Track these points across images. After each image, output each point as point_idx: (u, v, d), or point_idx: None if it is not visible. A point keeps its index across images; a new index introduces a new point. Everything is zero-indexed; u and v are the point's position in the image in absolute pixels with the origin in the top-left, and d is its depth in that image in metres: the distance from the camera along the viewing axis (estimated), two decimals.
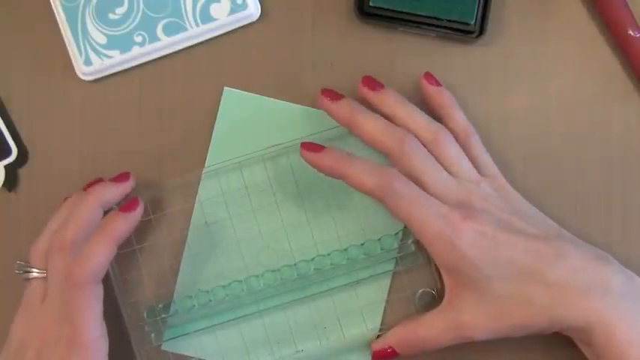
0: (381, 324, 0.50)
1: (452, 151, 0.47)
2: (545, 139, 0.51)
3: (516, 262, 0.44)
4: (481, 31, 0.50)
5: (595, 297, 0.43)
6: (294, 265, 0.50)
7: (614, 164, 0.51)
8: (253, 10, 0.51)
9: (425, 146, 0.47)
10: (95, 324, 0.44)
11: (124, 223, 0.47)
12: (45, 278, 0.47)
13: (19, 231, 0.51)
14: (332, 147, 0.47)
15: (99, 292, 0.45)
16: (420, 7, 0.49)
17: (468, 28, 0.50)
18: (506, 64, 0.51)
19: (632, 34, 0.49)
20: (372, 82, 0.49)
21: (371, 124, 0.47)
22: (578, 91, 0.51)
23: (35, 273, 0.47)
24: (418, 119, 0.47)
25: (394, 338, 0.48)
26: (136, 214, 0.47)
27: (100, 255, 0.45)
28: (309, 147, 0.47)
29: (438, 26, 0.50)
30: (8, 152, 0.52)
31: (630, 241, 0.50)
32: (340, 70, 0.51)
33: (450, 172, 0.47)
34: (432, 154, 0.47)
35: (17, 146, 0.52)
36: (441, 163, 0.47)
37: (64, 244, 0.46)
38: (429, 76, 0.49)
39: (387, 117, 0.48)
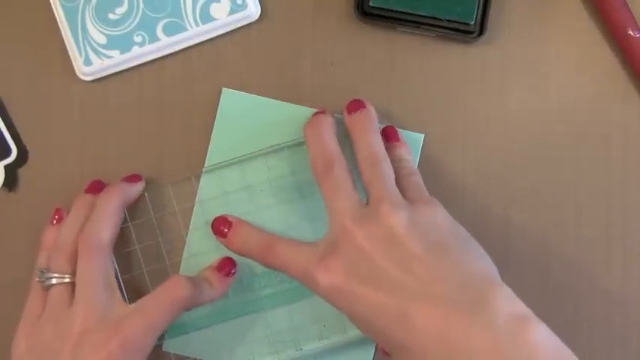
0: None
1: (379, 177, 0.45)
2: (545, 139, 0.51)
3: (361, 318, 0.42)
4: (481, 31, 0.50)
5: None
6: None
7: (614, 164, 0.51)
8: (253, 10, 0.51)
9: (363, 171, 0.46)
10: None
11: None
12: (69, 283, 0.46)
13: (19, 231, 0.51)
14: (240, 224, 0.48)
15: None
16: (419, 7, 0.49)
17: (468, 28, 0.50)
18: (506, 64, 0.51)
19: (632, 34, 0.49)
20: (350, 105, 0.48)
21: (310, 144, 0.47)
22: (578, 91, 0.51)
23: (55, 279, 0.46)
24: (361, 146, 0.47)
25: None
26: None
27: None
28: (220, 232, 0.48)
29: (437, 26, 0.50)
30: (8, 152, 0.52)
31: (630, 241, 0.51)
32: (340, 70, 0.51)
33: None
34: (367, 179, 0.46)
35: (17, 146, 0.52)
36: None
37: (101, 245, 0.46)
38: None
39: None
